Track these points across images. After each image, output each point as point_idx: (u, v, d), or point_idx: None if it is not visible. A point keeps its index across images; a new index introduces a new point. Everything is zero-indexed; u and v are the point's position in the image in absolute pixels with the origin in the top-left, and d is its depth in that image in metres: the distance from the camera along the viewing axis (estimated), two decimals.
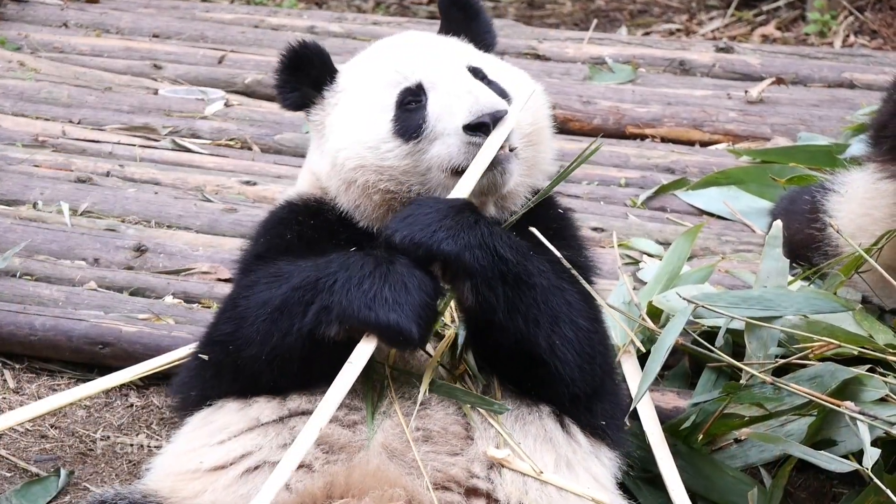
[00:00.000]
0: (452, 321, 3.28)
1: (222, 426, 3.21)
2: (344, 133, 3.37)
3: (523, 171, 3.38)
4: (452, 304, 3.27)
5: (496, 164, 3.24)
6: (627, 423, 3.42)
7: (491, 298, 3.09)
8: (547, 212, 3.44)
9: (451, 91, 3.30)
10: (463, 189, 3.22)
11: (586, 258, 3.45)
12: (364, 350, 3.02)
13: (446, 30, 3.60)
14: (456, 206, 3.13)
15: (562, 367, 3.16)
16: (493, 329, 3.13)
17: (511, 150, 3.28)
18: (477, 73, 3.41)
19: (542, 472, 3.12)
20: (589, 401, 3.26)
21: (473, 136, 3.23)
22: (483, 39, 3.60)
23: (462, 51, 3.50)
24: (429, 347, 3.23)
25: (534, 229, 3.27)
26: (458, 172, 3.27)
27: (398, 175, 3.32)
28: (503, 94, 3.38)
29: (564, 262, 3.26)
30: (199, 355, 3.27)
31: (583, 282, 3.30)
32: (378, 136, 3.32)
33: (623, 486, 3.45)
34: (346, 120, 3.38)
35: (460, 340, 3.24)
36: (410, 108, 3.33)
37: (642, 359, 3.71)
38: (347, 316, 3.02)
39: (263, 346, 3.12)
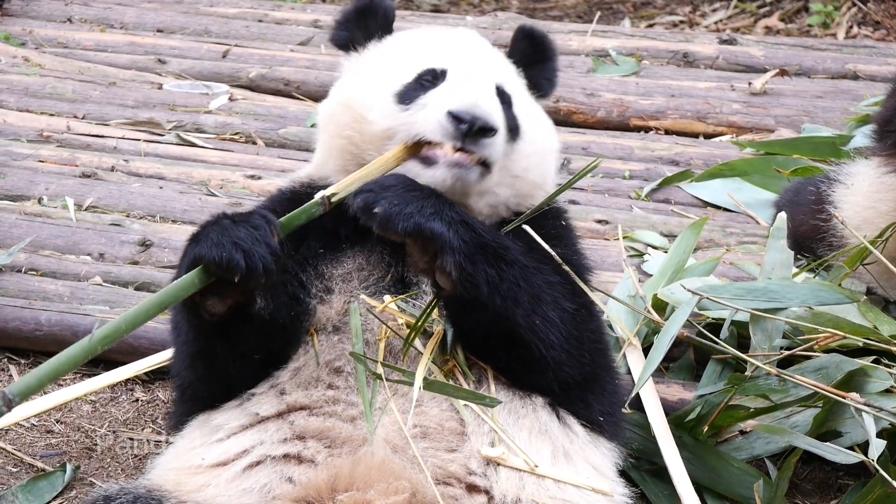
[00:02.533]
0: (443, 316, 3.28)
1: (222, 423, 3.23)
2: (357, 79, 3.47)
3: (511, 193, 3.39)
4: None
5: (454, 165, 3.22)
6: (627, 409, 3.41)
7: (475, 274, 3.08)
8: (544, 216, 3.44)
9: (462, 83, 3.32)
10: None
11: (580, 256, 3.44)
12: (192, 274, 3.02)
13: (510, 53, 3.61)
14: (426, 188, 3.15)
15: (545, 349, 3.16)
16: (475, 309, 3.12)
17: (483, 164, 3.26)
18: (502, 95, 3.41)
19: (536, 466, 3.12)
20: (583, 391, 3.25)
21: (448, 122, 3.22)
22: (539, 84, 3.61)
23: (505, 70, 3.51)
24: (419, 344, 3.23)
25: (528, 227, 3.29)
26: (417, 145, 3.26)
27: (367, 130, 3.35)
28: (515, 127, 3.38)
29: (557, 258, 3.26)
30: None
31: (574, 276, 3.28)
32: (381, 93, 3.37)
33: (628, 478, 3.45)
34: (368, 71, 3.47)
35: (449, 337, 3.24)
36: (422, 84, 3.36)
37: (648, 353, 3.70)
38: (195, 257, 3.00)
39: (178, 356, 3.32)
